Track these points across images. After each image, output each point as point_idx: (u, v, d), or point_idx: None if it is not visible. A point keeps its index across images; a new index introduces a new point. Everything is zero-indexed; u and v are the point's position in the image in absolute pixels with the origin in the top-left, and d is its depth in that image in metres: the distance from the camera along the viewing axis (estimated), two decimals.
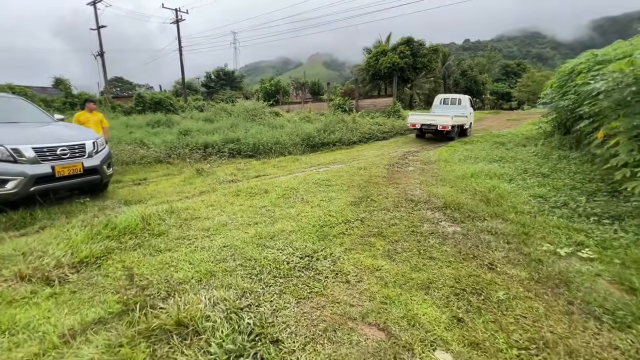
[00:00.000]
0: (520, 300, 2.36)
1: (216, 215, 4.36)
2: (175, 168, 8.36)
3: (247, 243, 3.41)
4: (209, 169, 7.61)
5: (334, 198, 5.12)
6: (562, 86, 8.97)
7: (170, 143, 10.30)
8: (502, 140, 11.77)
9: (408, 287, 2.59)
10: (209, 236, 3.65)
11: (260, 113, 15.31)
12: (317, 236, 3.63)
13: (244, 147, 10.34)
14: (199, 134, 11.52)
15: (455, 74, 48.64)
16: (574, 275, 2.70)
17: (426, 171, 7.27)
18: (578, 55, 8.79)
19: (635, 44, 6.04)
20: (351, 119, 15.24)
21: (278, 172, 7.69)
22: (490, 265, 2.91)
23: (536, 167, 6.96)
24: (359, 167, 7.78)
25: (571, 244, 3.30)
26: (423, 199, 4.96)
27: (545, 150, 8.93)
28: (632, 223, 3.64)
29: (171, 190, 6.05)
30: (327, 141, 12.17)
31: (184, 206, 4.72)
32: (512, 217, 4.09)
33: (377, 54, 32.51)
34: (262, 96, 30.52)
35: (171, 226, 3.92)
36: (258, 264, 2.97)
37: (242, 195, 5.36)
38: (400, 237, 3.57)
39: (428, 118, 13.22)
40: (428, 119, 13.11)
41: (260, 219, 4.21)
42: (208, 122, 14.28)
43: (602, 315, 2.20)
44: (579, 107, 7.09)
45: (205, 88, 48.87)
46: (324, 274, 2.82)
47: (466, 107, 14.61)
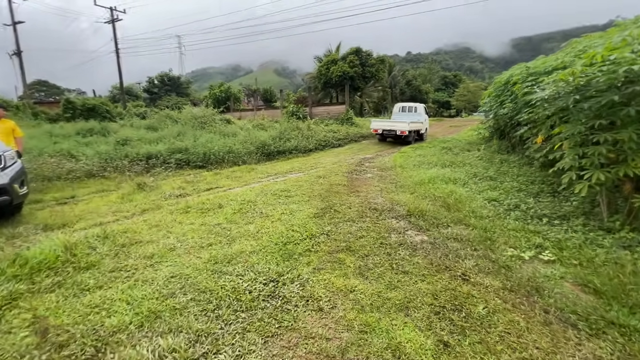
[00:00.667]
0: (500, 314, 2.28)
1: (162, 238, 3.78)
2: (111, 183, 7.35)
3: (200, 270, 2.95)
4: (152, 183, 6.80)
5: (296, 210, 4.81)
6: (499, 95, 9.74)
7: (106, 154, 9.11)
8: (448, 146, 12.50)
9: (386, 309, 2.37)
10: (152, 265, 3.09)
11: (210, 120, 14.42)
12: (281, 256, 3.28)
13: (193, 157, 9.54)
14: (141, 144, 10.41)
15: (400, 84, 51.48)
16: (542, 280, 2.72)
17: (384, 178, 7.30)
18: (502, 69, 9.76)
19: (561, 57, 6.72)
20: (306, 126, 15.08)
21: (232, 183, 7.15)
22: (463, 276, 2.83)
23: (483, 170, 7.37)
24: (318, 175, 7.57)
25: (531, 247, 3.39)
26: (386, 208, 4.88)
27: (488, 154, 9.59)
28: (578, 222, 3.89)
29: (105, 209, 5.22)
30: (283, 149, 11.82)
31: (122, 229, 4.04)
32: (473, 222, 4.15)
33: (328, 62, 33.06)
34: (212, 103, 29.09)
35: (104, 255, 3.28)
36: (214, 296, 2.54)
37: (192, 212, 4.79)
38: (369, 251, 3.38)
39: (388, 124, 14.73)
40: (388, 125, 14.62)
41: (214, 239, 3.74)
42: (151, 131, 13.04)
43: (577, 323, 2.19)
44: (517, 115, 7.73)
45: (147, 94, 45.38)
46: (293, 301, 2.49)
47: (421, 114, 16.09)
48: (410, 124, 13.95)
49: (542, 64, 7.49)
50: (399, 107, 16.97)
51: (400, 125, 13.94)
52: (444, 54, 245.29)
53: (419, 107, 16.58)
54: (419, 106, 16.63)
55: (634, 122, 3.21)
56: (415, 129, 14.75)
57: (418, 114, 16.07)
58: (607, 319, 2.18)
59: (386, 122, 15.46)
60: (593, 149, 3.45)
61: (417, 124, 15.11)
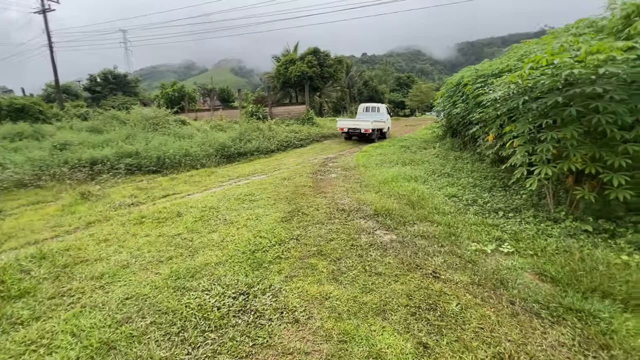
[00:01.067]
0: (472, 310, 2.34)
1: (112, 254, 3.39)
2: (48, 193, 6.52)
3: (159, 289, 2.67)
4: (98, 192, 6.15)
5: (262, 215, 4.63)
6: (452, 96, 10.30)
7: (40, 161, 8.07)
8: (406, 144, 12.99)
9: (363, 314, 2.33)
10: (102, 287, 2.74)
11: (163, 121, 13.49)
12: (250, 265, 3.10)
13: (145, 161, 8.82)
14: (83, 148, 9.41)
15: (358, 84, 52.71)
16: (505, 272, 2.87)
17: (349, 177, 7.34)
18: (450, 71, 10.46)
19: (505, 61, 7.26)
20: (267, 126, 14.75)
21: (191, 189, 6.72)
22: (434, 274, 2.88)
23: (440, 167, 7.73)
24: (282, 177, 7.40)
25: (492, 240, 3.57)
26: (354, 208, 4.88)
27: (443, 152, 10.11)
28: (529, 214, 4.20)
29: (41, 224, 4.59)
30: (244, 151, 11.42)
31: (63, 246, 3.56)
32: (437, 218, 4.29)
33: (286, 62, 32.77)
34: (164, 102, 27.36)
35: (41, 280, 2.84)
36: (178, 316, 2.31)
37: (147, 223, 4.39)
38: (341, 254, 3.32)
39: (353, 123, 15.45)
40: (353, 124, 15.35)
41: (174, 251, 3.44)
42: (95, 133, 11.88)
43: (540, 311, 2.32)
44: (469, 114, 8.23)
45: (89, 93, 41.34)
46: (267, 315, 2.34)
47: (384, 114, 17.06)
48: (373, 122, 14.77)
49: (489, 66, 8.05)
50: (363, 107, 17.84)
51: (364, 124, 14.74)
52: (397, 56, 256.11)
53: (382, 107, 17.52)
54: (382, 106, 17.56)
55: (574, 121, 3.52)
56: (378, 128, 15.60)
57: (381, 114, 16.99)
58: (564, 306, 2.34)
59: (351, 121, 16.11)
60: (541, 146, 3.74)
61: (380, 123, 15.94)
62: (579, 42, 3.76)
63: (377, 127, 15.51)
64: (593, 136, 3.59)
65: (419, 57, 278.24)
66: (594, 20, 5.36)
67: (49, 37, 25.43)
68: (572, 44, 3.86)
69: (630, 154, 3.20)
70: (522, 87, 4.02)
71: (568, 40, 3.99)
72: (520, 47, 7.42)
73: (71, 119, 18.20)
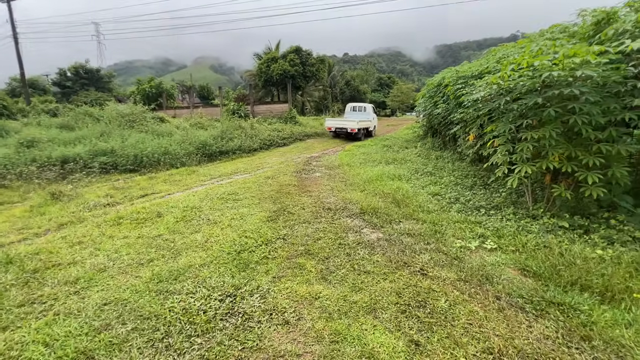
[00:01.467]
0: (460, 306, 2.37)
1: (88, 258, 3.20)
2: (14, 194, 6.10)
3: (140, 293, 2.54)
4: (70, 191, 5.82)
5: (247, 214, 4.53)
6: (433, 97, 10.51)
7: (5, 159, 7.55)
8: (388, 144, 13.16)
9: (354, 313, 2.31)
10: (77, 292, 2.58)
11: (140, 119, 12.95)
12: (236, 266, 3.02)
13: (121, 159, 8.44)
14: (53, 146, 8.88)
15: (340, 84, 52.91)
16: (490, 268, 2.93)
17: (333, 176, 7.33)
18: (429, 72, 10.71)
19: (484, 63, 7.48)
20: (249, 125, 14.51)
21: (171, 188, 6.49)
22: (422, 271, 2.91)
23: (423, 166, 7.87)
24: (266, 176, 7.29)
25: (475, 237, 3.66)
26: (340, 207, 4.86)
27: (424, 151, 10.31)
28: (509, 211, 4.33)
29: (7, 227, 4.28)
30: (225, 149, 11.18)
31: (32, 250, 3.33)
32: (422, 216, 4.35)
33: (268, 60, 32.41)
34: (141, 99, 26.33)
35: (8, 286, 2.64)
36: (161, 322, 2.20)
37: (125, 224, 4.19)
38: (329, 253, 3.30)
39: (340, 122, 16.12)
40: (340, 124, 16.01)
41: (156, 253, 3.29)
42: (66, 130, 11.24)
43: (524, 305, 2.39)
44: (450, 114, 8.42)
45: (58, 88, 39.17)
46: (255, 317, 2.28)
47: (370, 114, 17.84)
48: (359, 122, 15.42)
49: (469, 68, 8.25)
50: (351, 107, 18.47)
51: (350, 124, 15.40)
52: (378, 57, 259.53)
53: (368, 107, 18.26)
54: (368, 106, 18.30)
55: (552, 122, 3.66)
56: (364, 127, 16.19)
57: (367, 113, 17.72)
58: (547, 300, 2.42)
59: (338, 120, 16.71)
60: (520, 145, 3.86)
61: (366, 122, 16.54)
62: (555, 46, 3.91)
63: (363, 127, 16.06)
64: (569, 136, 3.74)
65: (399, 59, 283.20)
66: (567, 26, 5.60)
67: (14, 27, 23.86)
68: (550, 48, 4.01)
69: (603, 153, 3.36)
70: (503, 88, 4.14)
71: (545, 44, 4.14)
72: (498, 50, 7.65)
73: (39, 114, 17.15)
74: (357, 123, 15.26)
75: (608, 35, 3.84)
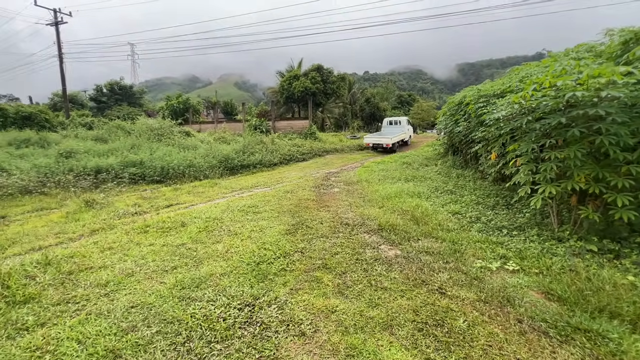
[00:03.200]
0: (479, 327, 2.32)
1: (117, 262, 3.38)
2: (52, 200, 6.54)
3: (164, 298, 2.66)
4: (103, 200, 6.18)
5: (266, 227, 4.63)
6: (454, 115, 10.45)
7: (46, 168, 8.14)
8: (408, 161, 13.08)
9: (370, 328, 2.31)
10: (107, 294, 2.73)
11: (167, 132, 13.66)
12: (255, 277, 3.10)
13: (149, 171, 8.89)
14: (88, 157, 9.50)
15: (360, 101, 53.47)
16: (512, 290, 2.86)
17: (352, 192, 7.37)
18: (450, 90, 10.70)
19: (506, 82, 7.43)
20: (270, 140, 14.92)
21: (195, 199, 6.74)
22: (440, 290, 2.87)
23: (443, 184, 7.77)
24: (285, 190, 7.44)
25: (497, 257, 3.57)
26: (358, 222, 4.89)
27: (445, 169, 10.17)
28: (533, 232, 4.21)
29: (46, 231, 4.60)
30: (247, 163, 11.52)
31: (67, 253, 3.56)
32: (441, 235, 4.30)
33: (290, 78, 33.43)
34: (169, 114, 27.71)
35: (46, 286, 2.84)
36: (183, 326, 2.29)
37: (151, 232, 4.40)
38: (346, 268, 3.32)
39: (377, 139, 18.29)
40: (377, 140, 18.24)
41: (179, 261, 3.43)
42: (100, 142, 12.01)
43: (548, 330, 2.30)
44: (471, 133, 8.34)
45: (95, 102, 42.00)
46: (273, 327, 2.33)
47: (404, 126, 20.23)
48: (392, 138, 17.52)
49: (491, 87, 8.20)
50: (387, 121, 21.04)
51: (385, 140, 17.60)
52: (398, 75, 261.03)
53: (403, 120, 20.66)
54: (403, 119, 20.71)
55: (577, 142, 3.58)
56: (398, 140, 18.38)
57: (402, 126, 20.01)
58: (572, 325, 2.32)
59: (376, 137, 18.95)
60: (544, 165, 3.79)
61: (401, 135, 18.83)
62: (580, 66, 3.87)
63: (397, 140, 18.18)
64: (596, 156, 3.64)
65: (420, 76, 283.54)
66: (593, 45, 5.52)
67: (60, 48, 26.05)
68: (574, 68, 3.97)
69: (633, 175, 3.24)
70: (525, 108, 4.11)
71: (569, 64, 4.11)
72: (521, 69, 7.60)
73: (76, 127, 18.41)
74: (391, 139, 17.27)
75: (636, 55, 3.78)
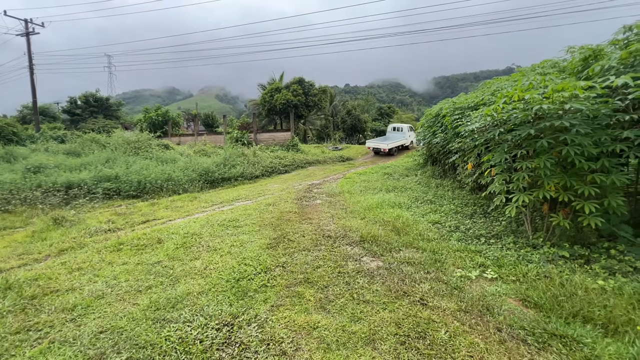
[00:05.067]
0: (460, 337, 2.33)
1: (86, 284, 3.19)
2: (17, 219, 6.16)
3: (137, 321, 2.52)
4: (73, 217, 5.87)
5: (247, 241, 4.53)
6: (431, 126, 10.78)
7: (11, 184, 7.69)
8: (389, 171, 13.28)
9: (352, 344, 2.27)
10: (74, 319, 2.56)
11: (145, 146, 13.28)
12: (235, 294, 3.00)
13: (124, 185, 8.57)
14: (59, 171, 9.06)
15: (341, 113, 54.28)
16: (490, 298, 2.90)
17: (334, 204, 7.37)
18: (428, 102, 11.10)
19: (479, 95, 7.77)
20: (252, 152, 14.80)
21: (173, 214, 6.53)
22: (422, 301, 2.88)
23: (423, 194, 7.91)
24: (267, 203, 7.34)
25: (475, 266, 3.63)
26: (340, 234, 4.87)
27: (424, 179, 10.39)
28: (509, 240, 4.33)
29: (8, 252, 4.30)
30: (228, 176, 11.34)
31: (31, 275, 3.33)
32: (422, 245, 4.34)
33: (272, 90, 33.61)
34: (147, 127, 27.04)
35: (5, 312, 2.63)
36: (157, 351, 2.17)
37: (125, 250, 4.20)
38: (328, 282, 3.28)
39: (377, 144, 20.43)
40: (376, 144, 20.38)
41: (154, 280, 3.28)
42: (73, 156, 11.52)
43: (526, 338, 2.34)
44: (448, 144, 8.60)
45: (68, 115, 40.38)
46: (252, 347, 2.24)
47: (405, 133, 21.97)
48: (389, 144, 19.70)
49: (465, 100, 8.55)
50: (391, 127, 23.25)
51: (383, 145, 19.81)
52: (378, 87, 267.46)
53: (404, 127, 22.58)
54: (405, 126, 22.66)
55: (546, 152, 3.76)
56: (397, 145, 20.46)
57: (403, 133, 21.87)
58: (549, 331, 2.38)
59: (376, 142, 21.15)
60: (517, 175, 3.94)
61: (401, 140, 20.94)
62: (545, 81, 4.10)
63: (395, 146, 20.34)
64: (564, 166, 3.82)
65: (399, 89, 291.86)
66: (557, 61, 5.89)
67: (30, 59, 25.10)
68: (540, 82, 4.20)
69: (598, 183, 3.42)
70: (497, 120, 4.29)
71: (536, 79, 4.35)
72: (492, 83, 7.98)
73: (47, 141, 17.61)
74: (388, 145, 19.66)
75: (595, 71, 4.05)
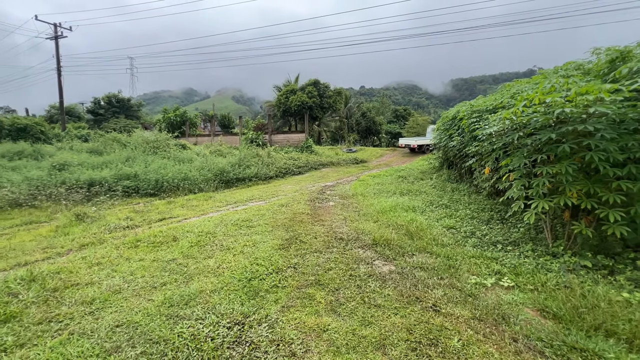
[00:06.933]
0: (474, 346, 2.27)
1: (104, 279, 3.30)
2: (42, 214, 6.44)
3: (152, 316, 2.58)
4: (94, 213, 6.09)
5: (259, 242, 4.57)
6: (448, 129, 10.58)
7: (38, 180, 8.05)
8: (403, 175, 13.13)
9: (362, 348, 2.25)
10: (92, 312, 2.65)
11: (163, 145, 13.64)
12: (246, 294, 3.03)
13: (143, 184, 8.82)
14: (82, 169, 9.42)
15: (356, 115, 54.13)
16: (506, 307, 2.81)
17: (347, 206, 7.34)
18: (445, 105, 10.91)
19: (498, 98, 7.57)
20: (266, 153, 14.95)
21: (188, 213, 6.67)
22: (434, 307, 2.82)
23: (438, 198, 7.78)
24: (280, 204, 7.39)
25: (491, 273, 3.54)
26: (352, 237, 4.85)
27: (440, 183, 10.21)
28: (527, 248, 4.19)
29: (33, 245, 4.50)
30: (242, 176, 11.49)
31: (54, 269, 3.47)
32: (435, 250, 4.26)
33: (287, 92, 33.87)
34: (165, 127, 27.79)
35: (29, 303, 2.75)
36: (170, 347, 2.21)
37: (142, 247, 4.31)
38: (339, 284, 3.26)
39: (408, 141, 24.72)
40: (407, 142, 24.61)
41: (169, 277, 3.36)
42: (95, 155, 11.96)
43: (544, 350, 2.26)
44: (465, 147, 8.43)
45: (92, 115, 42.00)
46: (262, 347, 2.26)
47: None
48: (417, 141, 23.34)
49: (483, 102, 8.36)
50: (431, 128, 24.43)
51: (412, 142, 23.74)
52: (394, 90, 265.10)
53: None
54: None
55: (568, 157, 3.62)
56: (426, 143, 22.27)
57: None
58: (568, 344, 2.28)
59: (408, 140, 25.19)
60: (536, 180, 3.81)
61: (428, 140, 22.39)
62: (568, 83, 3.96)
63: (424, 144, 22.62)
64: (587, 172, 3.67)
65: (415, 91, 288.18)
66: (581, 63, 5.67)
67: (59, 61, 26.26)
68: (563, 85, 4.06)
69: (624, 190, 3.27)
70: (516, 123, 4.17)
71: (558, 81, 4.20)
72: (512, 86, 7.76)
73: (72, 140, 18.36)
74: (416, 142, 23.20)
75: (623, 74, 3.87)
